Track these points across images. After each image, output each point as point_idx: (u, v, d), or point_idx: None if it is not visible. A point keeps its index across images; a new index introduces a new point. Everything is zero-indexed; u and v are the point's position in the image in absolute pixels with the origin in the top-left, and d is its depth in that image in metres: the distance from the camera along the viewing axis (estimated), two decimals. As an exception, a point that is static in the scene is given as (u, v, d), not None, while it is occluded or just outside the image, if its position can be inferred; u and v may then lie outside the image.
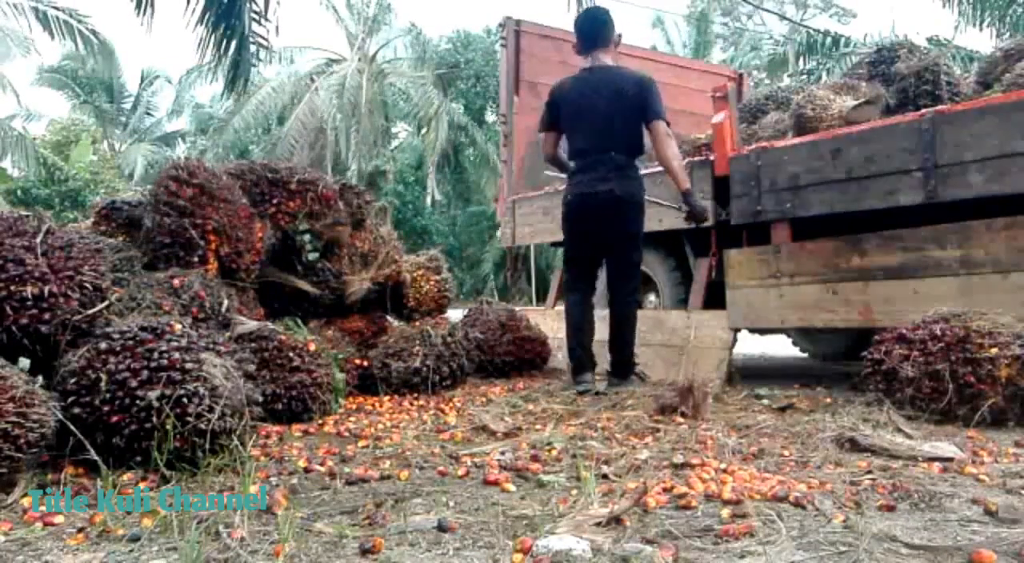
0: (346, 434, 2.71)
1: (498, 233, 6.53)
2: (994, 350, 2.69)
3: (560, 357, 4.44)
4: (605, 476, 1.98)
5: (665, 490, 1.80)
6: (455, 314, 4.66)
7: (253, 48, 6.24)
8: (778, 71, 18.48)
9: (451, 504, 1.74)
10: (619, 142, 3.70)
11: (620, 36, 3.86)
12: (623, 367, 3.73)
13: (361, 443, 2.51)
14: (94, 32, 13.07)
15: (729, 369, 4.07)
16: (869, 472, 2.03)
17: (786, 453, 2.28)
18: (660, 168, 4.88)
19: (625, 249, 3.75)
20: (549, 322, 4.90)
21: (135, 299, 2.67)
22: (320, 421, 2.97)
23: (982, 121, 3.31)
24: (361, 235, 4.09)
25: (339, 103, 20.78)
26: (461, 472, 2.07)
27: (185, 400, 1.98)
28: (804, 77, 13.77)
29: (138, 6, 5.93)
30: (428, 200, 23.54)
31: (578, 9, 6.79)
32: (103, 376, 2.01)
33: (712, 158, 4.43)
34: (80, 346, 2.14)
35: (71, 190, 19.66)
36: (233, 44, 6.00)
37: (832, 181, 3.78)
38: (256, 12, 6.10)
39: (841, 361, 5.50)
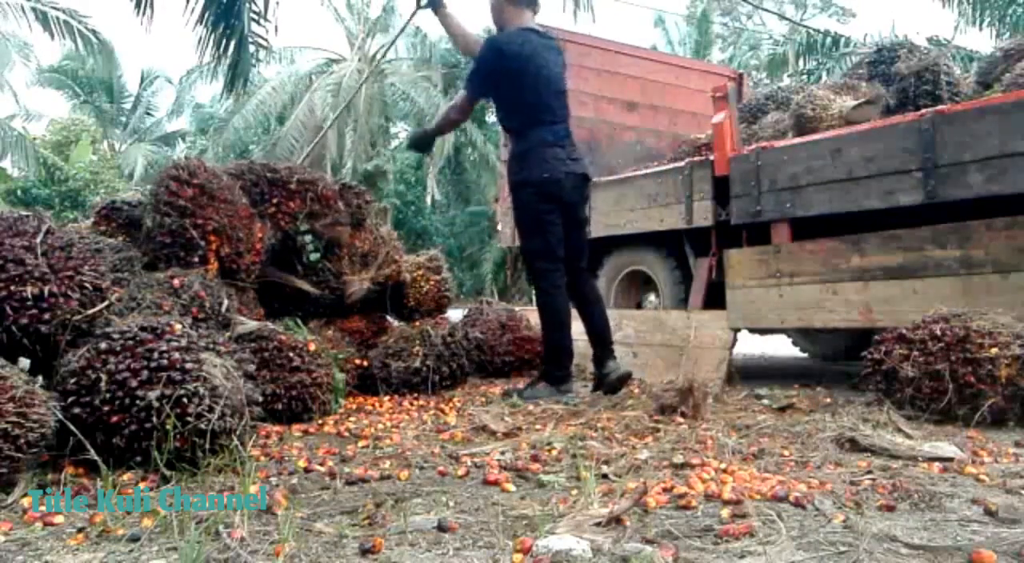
0: (346, 434, 2.71)
1: (498, 232, 6.53)
2: (994, 350, 2.69)
3: None
4: (605, 476, 1.98)
5: (665, 490, 1.80)
6: (455, 314, 4.66)
7: (252, 48, 6.24)
8: (778, 71, 18.48)
9: (451, 504, 1.74)
10: (568, 114, 3.52)
11: None
12: (610, 353, 3.56)
13: (361, 443, 2.51)
14: (94, 32, 13.07)
15: (729, 369, 4.07)
16: (869, 472, 2.03)
17: (786, 453, 2.28)
18: (662, 168, 4.90)
19: (583, 242, 3.61)
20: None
21: (135, 299, 2.67)
22: (320, 421, 2.97)
23: (982, 121, 3.31)
24: (361, 235, 4.09)
25: (337, 103, 20.78)
26: (461, 472, 2.07)
27: (185, 400, 1.98)
28: (804, 77, 13.77)
29: (137, 6, 5.93)
30: (428, 200, 23.55)
31: (575, 10, 6.79)
32: (103, 376, 2.01)
33: (712, 158, 4.43)
34: (80, 346, 2.14)
35: (71, 190, 19.66)
36: (232, 44, 6.00)
37: (832, 181, 3.78)
38: (255, 12, 6.10)
39: (841, 361, 5.50)
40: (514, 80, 3.37)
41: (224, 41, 5.95)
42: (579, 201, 3.55)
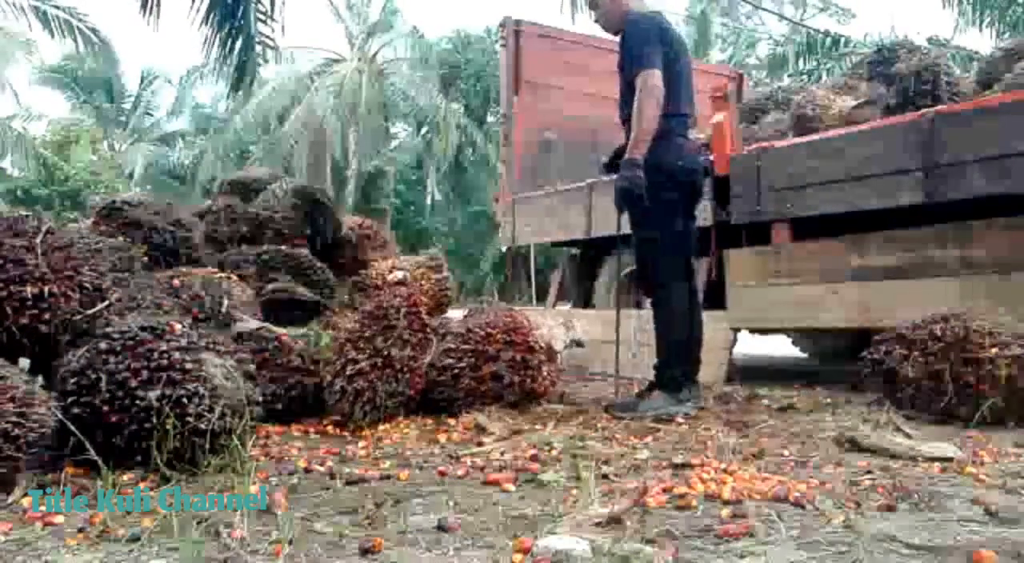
0: (346, 434, 2.71)
1: (498, 233, 6.53)
2: (994, 350, 2.69)
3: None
4: (605, 476, 1.98)
5: (665, 490, 1.80)
6: (455, 314, 4.66)
7: (259, 48, 6.23)
8: (778, 71, 18.47)
9: (451, 504, 1.74)
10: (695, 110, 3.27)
11: None
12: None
13: (361, 443, 2.51)
14: (94, 31, 13.05)
15: (729, 369, 4.06)
16: (869, 472, 2.03)
17: (786, 453, 2.28)
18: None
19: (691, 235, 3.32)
20: (550, 322, 4.90)
21: (135, 299, 2.67)
22: (320, 421, 2.96)
23: (982, 121, 3.31)
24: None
25: (338, 104, 20.79)
26: (461, 472, 2.07)
27: (185, 400, 1.98)
28: (804, 77, 13.76)
29: (143, 6, 5.92)
30: (428, 200, 23.55)
31: (572, 11, 6.79)
32: (103, 376, 2.01)
33: (712, 158, 4.43)
34: (80, 346, 2.14)
35: (71, 190, 19.66)
36: (239, 44, 5.99)
37: (832, 181, 3.78)
38: (262, 12, 6.09)
39: (841, 361, 5.50)
40: (665, 59, 3.04)
41: (230, 41, 5.94)
42: (699, 195, 3.32)
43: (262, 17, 6.08)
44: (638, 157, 3.00)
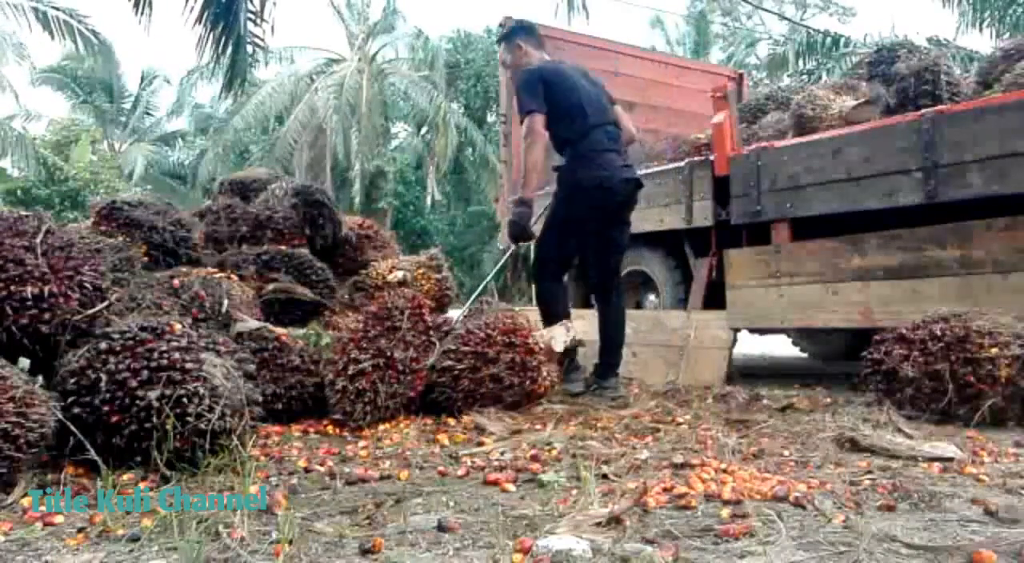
0: (346, 434, 2.71)
1: (498, 233, 6.53)
2: (994, 350, 2.69)
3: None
4: (605, 476, 1.98)
5: (665, 490, 1.80)
6: (455, 314, 4.66)
7: (250, 48, 6.23)
8: (778, 71, 18.48)
9: (451, 504, 1.74)
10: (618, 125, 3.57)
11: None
12: (614, 368, 3.62)
13: (361, 443, 2.51)
14: (94, 32, 13.07)
15: (729, 369, 4.07)
16: (869, 472, 2.03)
17: (786, 453, 2.28)
18: (662, 168, 4.89)
19: (624, 245, 3.65)
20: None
21: (135, 299, 2.66)
22: (320, 421, 2.96)
23: (982, 121, 3.31)
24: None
25: (338, 104, 20.79)
26: (461, 472, 2.07)
27: (185, 400, 1.98)
28: (804, 77, 13.76)
29: (136, 6, 5.92)
30: (428, 200, 23.55)
31: (569, 13, 6.80)
32: (103, 376, 2.01)
33: (712, 158, 4.43)
34: (80, 346, 2.14)
35: (71, 190, 19.62)
36: (231, 44, 5.99)
37: (832, 181, 3.78)
38: (252, 12, 6.09)
39: (841, 361, 5.50)
40: (559, 94, 3.43)
41: (223, 39, 5.94)
42: (628, 204, 3.56)
43: (252, 17, 6.08)
44: (527, 195, 3.46)
